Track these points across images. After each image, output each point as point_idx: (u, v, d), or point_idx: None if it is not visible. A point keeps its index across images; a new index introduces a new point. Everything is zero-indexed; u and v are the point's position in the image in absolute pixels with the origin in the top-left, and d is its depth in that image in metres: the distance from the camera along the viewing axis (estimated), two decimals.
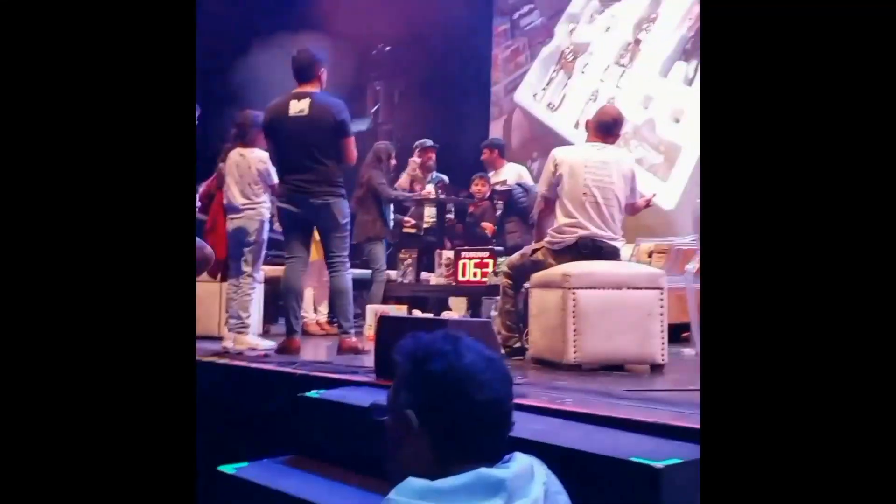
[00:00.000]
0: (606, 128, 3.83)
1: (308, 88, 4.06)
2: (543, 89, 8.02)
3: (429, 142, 6.36)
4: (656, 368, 3.46)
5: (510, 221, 5.85)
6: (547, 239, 3.83)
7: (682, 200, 6.52)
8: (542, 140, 7.69)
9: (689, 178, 6.55)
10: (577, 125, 7.37)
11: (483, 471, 1.05)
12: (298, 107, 4.01)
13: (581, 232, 3.69)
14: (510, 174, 6.26)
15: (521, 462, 1.11)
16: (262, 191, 4.48)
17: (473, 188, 6.21)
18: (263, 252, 4.56)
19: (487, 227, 6.08)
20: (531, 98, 8.12)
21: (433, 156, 6.32)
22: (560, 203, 3.76)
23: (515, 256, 4.04)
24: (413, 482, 1.05)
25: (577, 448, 1.88)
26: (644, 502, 1.71)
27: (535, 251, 3.87)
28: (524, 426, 2.14)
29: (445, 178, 6.39)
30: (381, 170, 5.78)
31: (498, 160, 6.38)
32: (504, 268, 4.10)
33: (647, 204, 4.03)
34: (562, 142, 4.11)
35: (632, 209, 3.94)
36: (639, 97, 7.17)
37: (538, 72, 8.11)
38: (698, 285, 3.97)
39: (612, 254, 3.74)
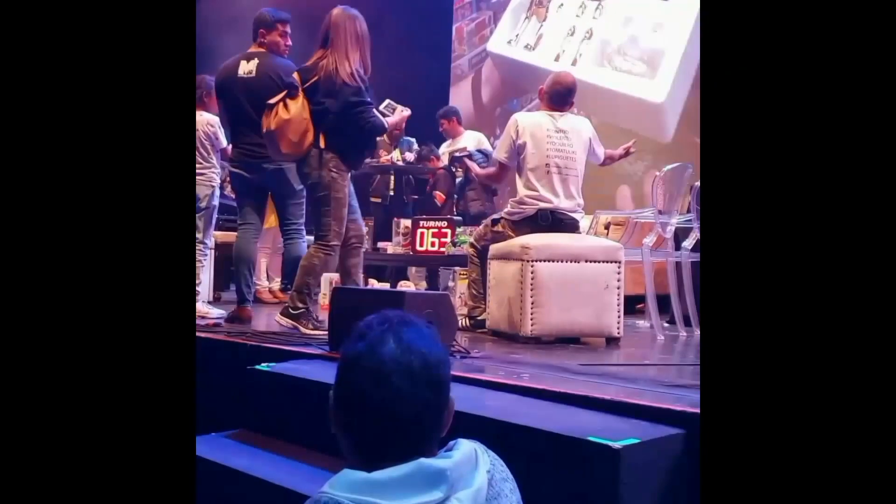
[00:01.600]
0: (561, 97, 3.80)
1: (259, 49, 3.92)
2: (517, 35, 7.96)
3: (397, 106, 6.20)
4: (612, 341, 3.47)
5: (472, 189, 5.79)
6: (507, 210, 3.81)
7: (671, 93, 6.76)
8: (521, 81, 7.73)
9: (675, 73, 6.76)
10: (557, 58, 7.41)
11: (423, 461, 1.01)
12: (247, 67, 3.90)
13: (542, 204, 3.66)
14: (469, 141, 6.17)
15: (463, 450, 1.06)
16: (211, 155, 4.35)
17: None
18: (214, 218, 4.44)
19: (438, 195, 6.00)
20: (505, 45, 8.04)
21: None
22: (522, 173, 3.72)
23: (480, 228, 4.02)
24: (348, 474, 1.01)
25: (534, 426, 1.85)
26: (602, 482, 1.69)
27: (495, 222, 3.85)
28: (480, 402, 2.10)
29: (414, 141, 6.25)
30: None
31: (456, 128, 6.28)
32: (471, 238, 4.07)
33: (627, 152, 4.09)
34: (543, 76, 4.04)
35: (610, 159, 4.05)
36: (619, 20, 7.26)
37: (509, 21, 8.03)
38: (654, 258, 3.98)
39: (571, 226, 3.72)
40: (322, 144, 3.40)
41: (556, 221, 3.67)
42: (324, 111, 3.38)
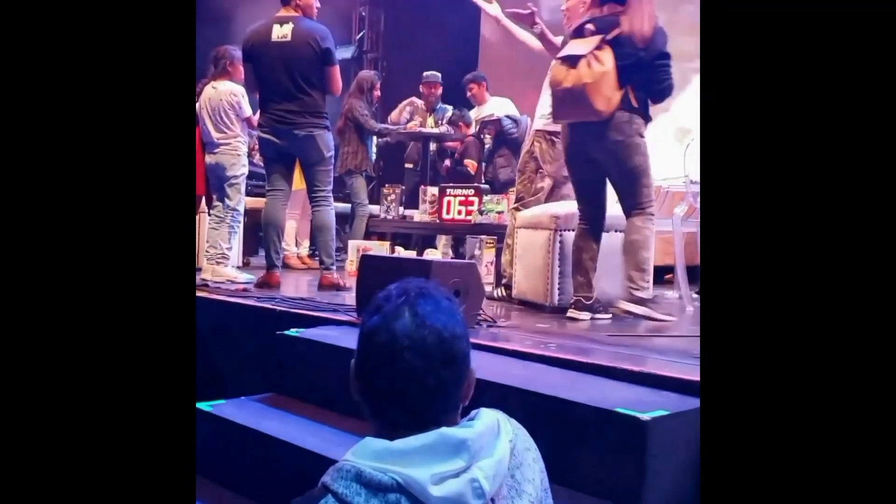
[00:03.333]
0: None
1: (291, 13, 3.88)
2: None
3: (434, 75, 6.14)
4: None
5: (501, 156, 5.72)
6: (537, 127, 3.68)
7: None
8: None
9: None
10: None
11: (444, 430, 1.00)
12: (281, 32, 3.84)
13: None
14: (497, 108, 6.10)
15: (485, 419, 1.06)
16: (235, 125, 4.35)
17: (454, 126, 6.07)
18: (243, 185, 4.47)
19: (470, 164, 5.96)
20: None
21: (437, 90, 6.11)
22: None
23: (518, 185, 3.84)
24: (370, 442, 1.01)
25: (561, 397, 1.85)
26: (629, 454, 1.68)
27: (531, 145, 3.70)
28: (507, 371, 2.11)
29: (450, 108, 6.19)
30: (363, 100, 5.62)
31: (483, 94, 6.22)
32: (510, 204, 3.93)
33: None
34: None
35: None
36: None
37: None
38: (685, 229, 3.93)
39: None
40: (634, 103, 2.98)
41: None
42: (636, 63, 2.94)
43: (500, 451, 1.04)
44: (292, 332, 2.66)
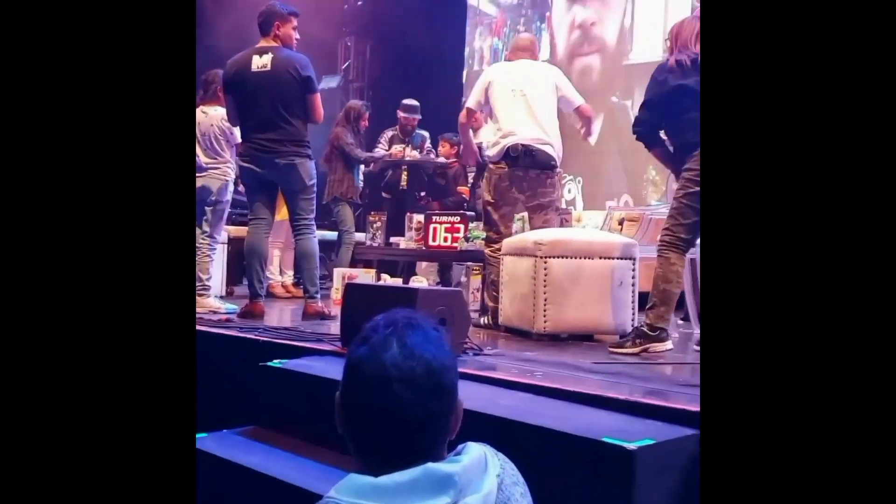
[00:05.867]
0: (524, 48, 4.00)
1: (271, 43, 3.90)
2: None
3: (414, 105, 6.16)
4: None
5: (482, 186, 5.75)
6: (485, 154, 3.94)
7: None
8: None
9: None
10: None
11: (430, 466, 0.98)
12: (261, 62, 3.86)
13: (510, 142, 3.71)
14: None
15: (472, 454, 1.04)
16: (226, 149, 4.36)
17: (440, 150, 6.08)
18: (226, 213, 4.45)
19: (464, 191, 5.97)
20: None
21: (416, 120, 6.12)
22: (492, 113, 3.85)
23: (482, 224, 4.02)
24: (355, 479, 0.99)
25: (548, 427, 1.83)
26: (616, 484, 1.66)
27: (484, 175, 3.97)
28: (493, 402, 2.08)
29: (426, 135, 6.21)
30: (350, 129, 5.64)
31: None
32: (482, 235, 4.07)
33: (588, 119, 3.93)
34: None
35: (581, 115, 3.91)
36: None
37: None
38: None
39: (544, 160, 3.74)
40: None
41: (529, 155, 3.72)
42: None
43: (488, 486, 1.02)
44: (275, 363, 2.62)
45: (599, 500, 1.70)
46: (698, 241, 3.22)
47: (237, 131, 4.27)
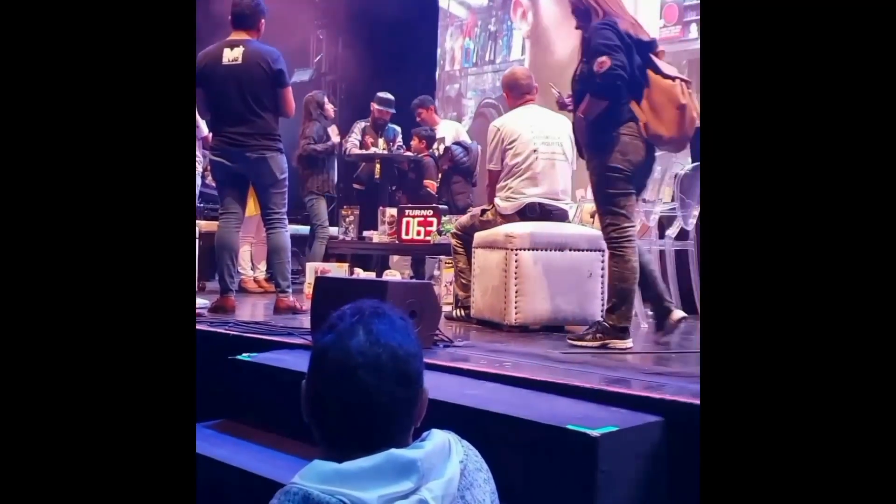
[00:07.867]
0: (521, 89, 3.81)
1: (244, 36, 3.87)
2: None
3: (389, 99, 6.14)
4: None
5: (456, 182, 5.76)
6: (496, 202, 3.78)
7: None
8: None
9: None
10: None
11: (393, 452, 1.00)
12: (232, 55, 3.82)
13: (527, 200, 3.65)
14: (447, 132, 6.13)
15: (435, 440, 1.06)
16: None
17: (412, 144, 6.09)
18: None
19: (430, 185, 5.98)
20: None
21: (389, 113, 6.10)
22: (508, 169, 3.71)
23: (465, 218, 4.00)
24: (318, 465, 1.00)
25: (513, 415, 1.85)
26: (580, 470, 1.69)
27: (484, 212, 3.83)
28: (459, 391, 2.10)
29: (398, 129, 6.20)
30: (315, 123, 5.61)
31: (432, 117, 6.25)
32: (453, 228, 4.06)
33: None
34: None
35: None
36: None
37: None
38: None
39: (560, 217, 3.73)
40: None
41: (545, 213, 3.67)
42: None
43: (450, 471, 1.04)
44: (244, 356, 2.62)
45: (563, 486, 1.72)
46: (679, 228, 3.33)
47: (203, 124, 4.24)
